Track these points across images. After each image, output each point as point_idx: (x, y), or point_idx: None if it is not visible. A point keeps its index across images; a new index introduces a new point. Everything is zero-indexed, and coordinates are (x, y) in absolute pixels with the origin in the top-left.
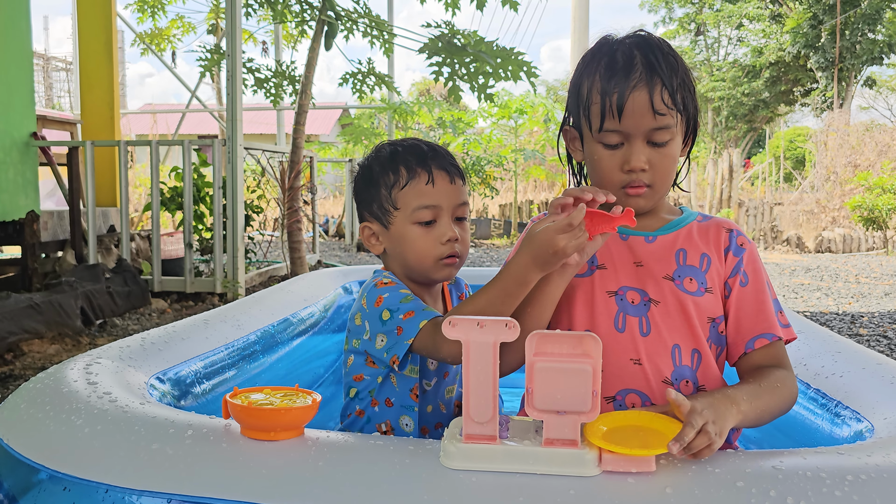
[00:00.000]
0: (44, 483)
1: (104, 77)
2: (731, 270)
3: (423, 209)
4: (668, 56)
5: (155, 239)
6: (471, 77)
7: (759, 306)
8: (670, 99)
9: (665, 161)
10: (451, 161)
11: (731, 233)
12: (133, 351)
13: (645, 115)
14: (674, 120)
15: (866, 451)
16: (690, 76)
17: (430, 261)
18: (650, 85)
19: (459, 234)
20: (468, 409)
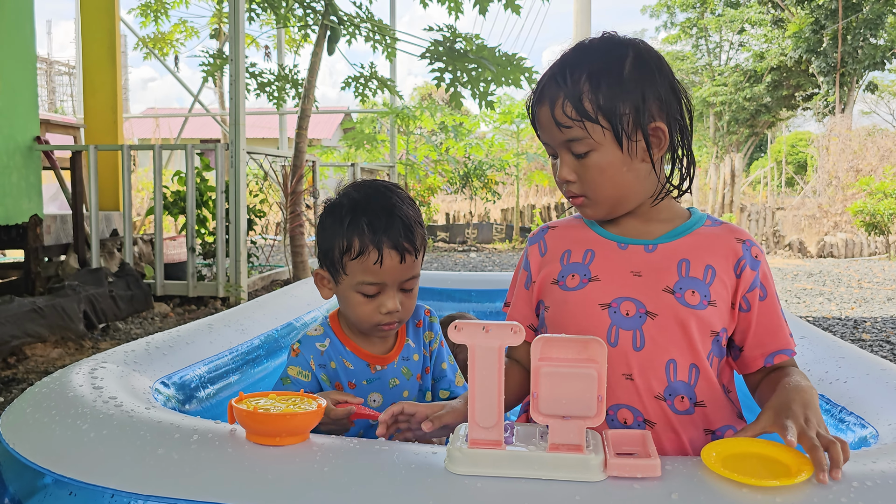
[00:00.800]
0: (49, 487)
1: (107, 81)
2: (749, 285)
3: (367, 284)
4: (585, 66)
5: (158, 243)
6: (472, 83)
7: (777, 320)
8: (573, 111)
9: (590, 171)
10: (409, 237)
11: (745, 244)
12: (138, 355)
13: (552, 128)
14: (584, 131)
15: (871, 458)
16: (631, 77)
17: (368, 325)
18: (552, 99)
19: (402, 302)
20: (474, 415)
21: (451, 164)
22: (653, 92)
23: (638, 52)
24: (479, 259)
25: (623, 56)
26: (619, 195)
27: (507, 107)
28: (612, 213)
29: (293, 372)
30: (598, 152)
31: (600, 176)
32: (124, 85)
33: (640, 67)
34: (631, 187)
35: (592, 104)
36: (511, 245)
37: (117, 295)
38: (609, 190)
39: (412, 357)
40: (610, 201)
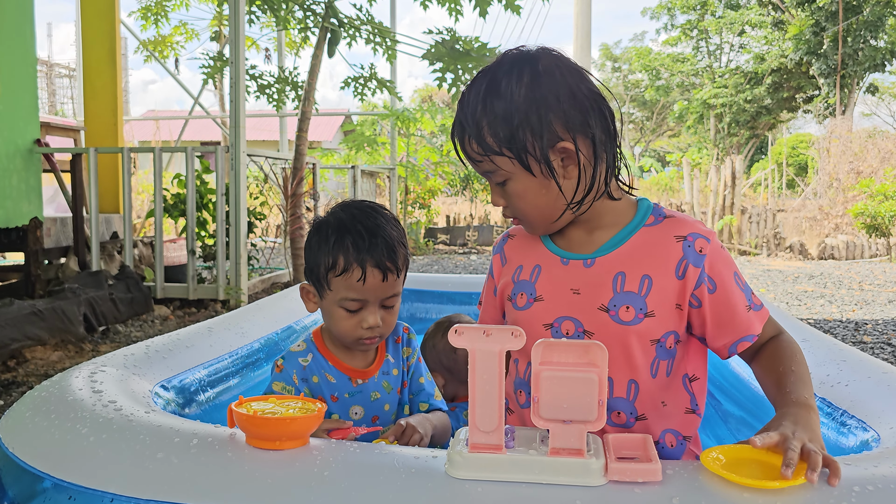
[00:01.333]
0: (48, 492)
1: (107, 84)
2: (696, 283)
3: (350, 300)
4: (482, 99)
5: (158, 245)
6: None
7: (732, 309)
8: (478, 146)
9: (511, 198)
10: (392, 256)
11: (686, 241)
12: (138, 359)
13: (470, 162)
14: (493, 164)
15: (873, 462)
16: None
17: (349, 340)
18: (460, 137)
19: (383, 318)
20: (474, 419)
21: (451, 166)
22: (553, 111)
23: (534, 71)
24: (480, 261)
25: (519, 79)
26: (547, 215)
27: None
28: (550, 229)
29: (277, 387)
30: (512, 181)
31: (522, 201)
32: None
33: (536, 88)
34: (556, 205)
35: (493, 137)
36: None
37: (117, 297)
38: (534, 211)
39: (391, 371)
40: (540, 221)
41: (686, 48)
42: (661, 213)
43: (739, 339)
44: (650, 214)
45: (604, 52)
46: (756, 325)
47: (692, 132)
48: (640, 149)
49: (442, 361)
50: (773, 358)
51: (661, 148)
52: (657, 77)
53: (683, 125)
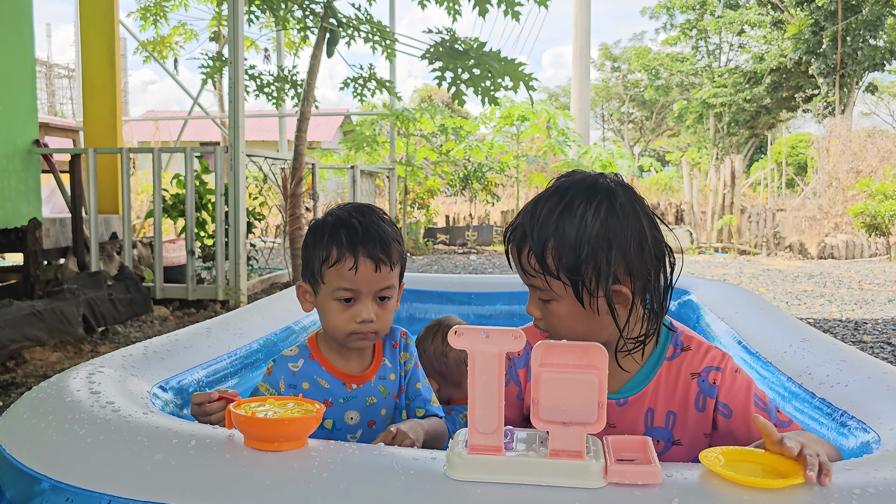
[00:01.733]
0: (46, 493)
1: (107, 84)
2: (714, 409)
3: (342, 290)
4: (554, 220)
5: (157, 246)
6: (474, 81)
7: (746, 427)
8: (537, 264)
9: (552, 316)
10: (383, 248)
11: (699, 377)
12: (136, 360)
13: (519, 271)
14: (545, 283)
15: (873, 465)
16: (599, 238)
17: (342, 334)
18: (519, 246)
19: (377, 313)
20: (473, 421)
21: (450, 166)
22: (622, 253)
23: (611, 208)
24: (479, 261)
25: (596, 211)
26: (577, 336)
27: (507, 109)
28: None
29: (262, 388)
30: (558, 303)
31: (561, 322)
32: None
33: (610, 226)
34: (592, 335)
35: (555, 261)
36: None
37: (116, 298)
38: (569, 335)
39: (388, 376)
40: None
41: (685, 48)
42: (678, 345)
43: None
44: (669, 344)
45: (603, 51)
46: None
47: (691, 132)
48: (639, 148)
49: (433, 366)
50: None
51: (660, 147)
52: (656, 77)
53: (683, 125)
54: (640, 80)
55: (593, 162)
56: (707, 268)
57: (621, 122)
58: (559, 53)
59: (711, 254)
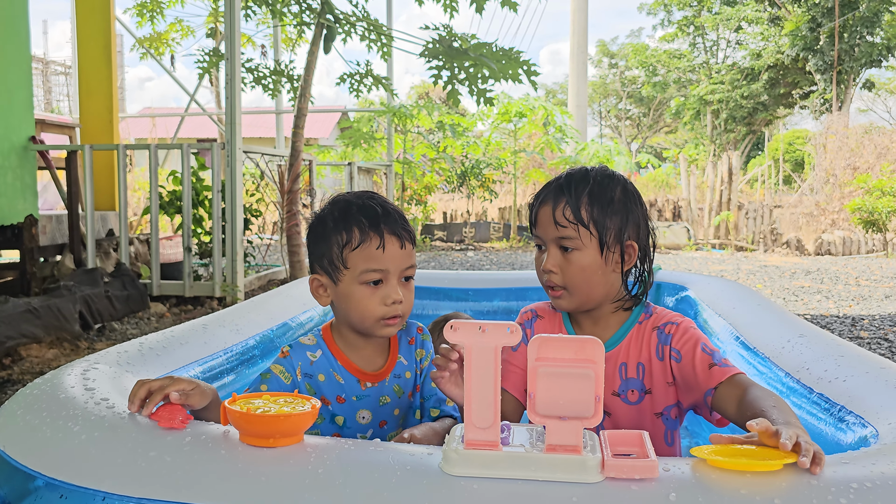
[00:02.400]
0: (40, 490)
1: (103, 81)
2: (669, 357)
3: (371, 272)
4: (588, 181)
5: (154, 243)
6: (470, 80)
7: (695, 370)
8: (573, 214)
9: (573, 266)
10: (404, 225)
11: (659, 329)
12: (131, 356)
13: (549, 225)
14: (576, 233)
15: (871, 459)
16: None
17: (372, 320)
18: (555, 202)
19: (404, 295)
20: (470, 415)
21: (448, 162)
22: (632, 218)
23: (624, 186)
24: (477, 258)
25: (615, 185)
26: (590, 292)
27: (505, 105)
28: (581, 307)
29: (276, 370)
30: (581, 252)
31: (580, 273)
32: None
33: (625, 197)
34: (600, 288)
35: (587, 214)
36: (508, 244)
37: (113, 295)
38: (584, 285)
39: (404, 374)
40: (582, 296)
41: (683, 44)
42: (649, 312)
43: (704, 393)
44: (641, 313)
45: (601, 48)
46: (717, 377)
47: (689, 128)
48: (636, 145)
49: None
50: (754, 401)
51: (657, 144)
52: (654, 73)
53: (680, 121)
54: (638, 76)
55: (590, 158)
56: (704, 264)
57: (618, 118)
58: (556, 50)
59: (709, 250)
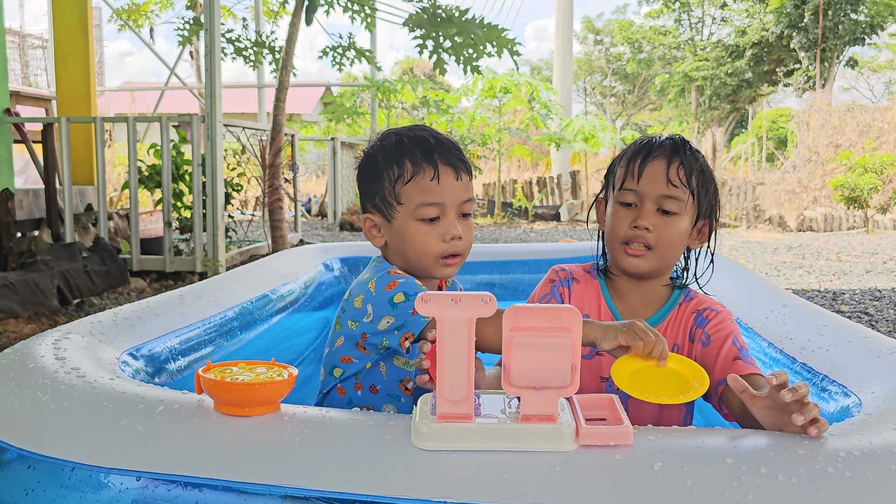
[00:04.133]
0: (7, 461)
1: (80, 52)
2: (697, 340)
3: (427, 206)
4: (694, 151)
5: (133, 217)
6: (456, 50)
7: (717, 357)
8: (685, 177)
9: (669, 229)
10: (459, 155)
11: (698, 313)
12: (105, 326)
13: (659, 181)
14: (684, 197)
15: (857, 429)
16: (710, 175)
17: (431, 258)
18: (669, 159)
19: (463, 232)
20: (442, 388)
21: None
22: (717, 199)
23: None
24: None
25: (707, 162)
26: (670, 259)
27: (490, 81)
28: (654, 272)
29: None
30: (680, 217)
31: (675, 236)
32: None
33: (713, 178)
34: (675, 257)
35: (696, 181)
36: (493, 220)
37: (92, 270)
38: (671, 250)
39: None
40: (664, 260)
41: (668, 21)
42: (689, 296)
43: (717, 383)
44: (682, 296)
45: (586, 24)
46: (738, 371)
47: (673, 105)
48: (621, 122)
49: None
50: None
51: (642, 121)
52: (639, 50)
53: (665, 98)
54: (623, 53)
55: (575, 135)
56: None
57: (603, 95)
58: (542, 26)
59: None
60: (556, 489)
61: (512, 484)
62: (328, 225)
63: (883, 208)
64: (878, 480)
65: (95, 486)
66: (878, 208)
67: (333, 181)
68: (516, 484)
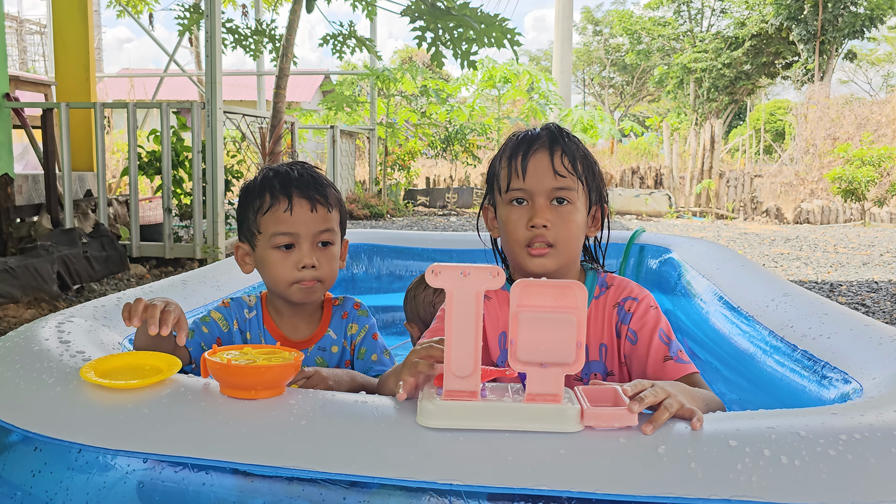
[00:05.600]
0: (14, 443)
1: (79, 37)
2: (624, 337)
3: (280, 235)
4: (571, 136)
5: (133, 204)
6: (454, 43)
7: (646, 359)
8: (570, 164)
9: (564, 221)
10: (319, 190)
11: (619, 306)
12: (108, 310)
13: (546, 174)
14: (574, 185)
15: (859, 411)
16: (592, 158)
17: (285, 284)
18: (551, 149)
19: (319, 259)
20: (449, 363)
21: (431, 128)
22: (602, 181)
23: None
24: (459, 223)
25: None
26: (573, 253)
27: (489, 70)
28: (560, 268)
29: (216, 316)
30: (574, 205)
31: (574, 228)
32: (98, 45)
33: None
34: (578, 249)
35: (582, 167)
36: None
37: (92, 256)
38: (572, 243)
39: (330, 348)
40: (567, 255)
41: (667, 12)
42: (603, 284)
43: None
44: (596, 285)
45: (585, 15)
46: (671, 374)
47: (671, 97)
48: (619, 114)
49: (419, 314)
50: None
51: (640, 113)
52: (638, 41)
53: (663, 90)
54: (622, 44)
55: (574, 125)
56: (685, 231)
57: (602, 86)
58: (541, 16)
59: (689, 218)
60: (560, 471)
61: (516, 466)
62: None
63: (880, 201)
64: (880, 463)
65: (102, 468)
66: (874, 201)
67: (332, 170)
68: (520, 466)
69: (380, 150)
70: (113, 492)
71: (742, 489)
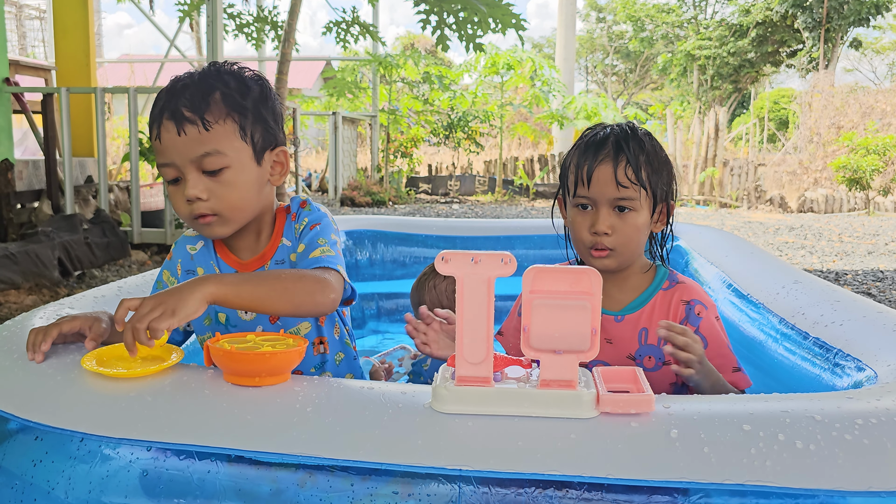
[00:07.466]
0: (14, 433)
1: (79, 21)
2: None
3: (162, 167)
4: (639, 140)
5: (134, 190)
6: (459, 27)
7: (720, 367)
8: (634, 174)
9: (627, 226)
10: (193, 103)
11: (689, 305)
12: (108, 299)
13: (608, 184)
14: (636, 194)
15: (875, 395)
16: (662, 156)
17: (184, 220)
18: (616, 159)
19: (210, 189)
20: (462, 350)
21: (433, 115)
22: (669, 174)
23: (654, 137)
24: (462, 211)
25: (651, 139)
26: (634, 252)
27: (493, 56)
28: (621, 266)
29: (165, 276)
30: (636, 212)
31: (635, 233)
32: (98, 31)
33: (666, 156)
34: (641, 248)
35: (646, 174)
36: (493, 197)
37: (93, 242)
38: (633, 245)
39: (289, 258)
40: (628, 256)
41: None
42: (674, 280)
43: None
44: (665, 280)
45: (589, 2)
46: (740, 385)
47: (675, 85)
48: (622, 101)
49: (443, 303)
50: None
51: (643, 101)
52: (642, 28)
53: (667, 78)
54: (626, 31)
55: (577, 113)
56: (688, 220)
57: (605, 74)
58: (545, 3)
59: (693, 206)
60: (572, 456)
61: (529, 451)
62: (329, 200)
63: (885, 190)
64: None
65: (105, 457)
66: (879, 190)
67: (334, 156)
68: (533, 451)
69: (382, 136)
70: (116, 481)
71: (756, 474)
